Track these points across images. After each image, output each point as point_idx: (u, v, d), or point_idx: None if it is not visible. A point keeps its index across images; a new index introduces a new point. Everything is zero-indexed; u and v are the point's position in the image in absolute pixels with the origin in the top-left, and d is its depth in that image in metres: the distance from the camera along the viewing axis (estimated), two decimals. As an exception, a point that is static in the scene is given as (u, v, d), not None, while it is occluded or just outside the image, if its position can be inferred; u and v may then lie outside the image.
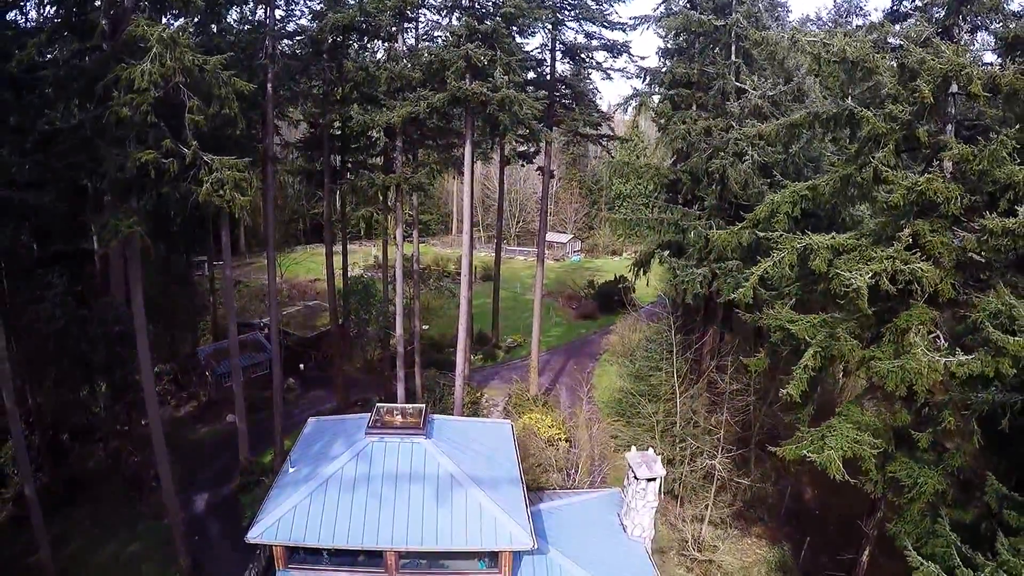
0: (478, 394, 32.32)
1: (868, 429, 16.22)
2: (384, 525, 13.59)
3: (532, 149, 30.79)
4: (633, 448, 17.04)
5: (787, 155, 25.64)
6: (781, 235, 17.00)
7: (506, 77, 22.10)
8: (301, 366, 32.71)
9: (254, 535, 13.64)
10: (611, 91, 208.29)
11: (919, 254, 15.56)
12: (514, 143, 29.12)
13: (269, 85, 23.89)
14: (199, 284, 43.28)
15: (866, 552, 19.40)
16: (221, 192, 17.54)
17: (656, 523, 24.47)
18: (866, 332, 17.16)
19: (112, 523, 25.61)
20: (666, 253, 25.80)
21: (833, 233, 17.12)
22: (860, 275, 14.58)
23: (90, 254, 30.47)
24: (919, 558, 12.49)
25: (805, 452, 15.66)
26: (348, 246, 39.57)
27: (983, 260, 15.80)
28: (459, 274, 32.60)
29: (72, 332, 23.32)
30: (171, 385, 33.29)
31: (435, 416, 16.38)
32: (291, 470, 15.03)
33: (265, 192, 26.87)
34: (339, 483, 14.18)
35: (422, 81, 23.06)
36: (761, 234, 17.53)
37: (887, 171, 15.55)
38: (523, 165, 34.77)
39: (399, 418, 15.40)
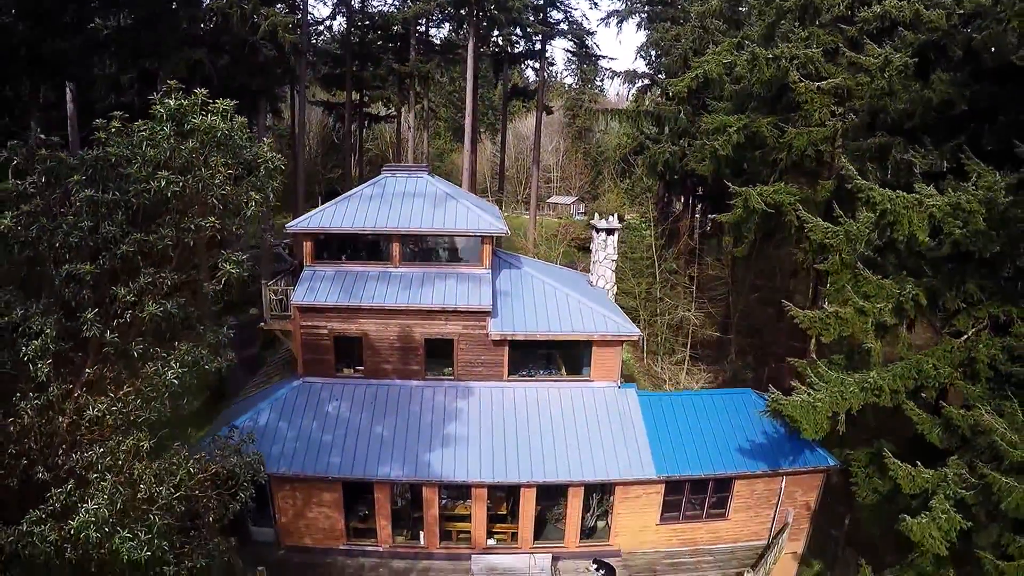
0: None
1: (791, 194, 21.09)
2: (391, 218, 18.65)
3: (532, 79, 37.36)
4: (597, 214, 22.03)
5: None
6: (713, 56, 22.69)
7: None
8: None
9: (291, 226, 18.80)
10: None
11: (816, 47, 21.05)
12: (516, 72, 35.65)
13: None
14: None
15: (812, 341, 23.53)
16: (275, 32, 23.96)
17: (634, 372, 28.79)
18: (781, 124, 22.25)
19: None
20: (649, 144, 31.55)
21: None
22: (764, 52, 20.11)
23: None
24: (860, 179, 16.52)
25: (735, 205, 20.59)
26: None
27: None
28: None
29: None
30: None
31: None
32: (319, 211, 20.28)
33: (294, 100, 33.31)
34: (359, 198, 19.36)
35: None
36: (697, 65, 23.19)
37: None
38: (523, 102, 41.33)
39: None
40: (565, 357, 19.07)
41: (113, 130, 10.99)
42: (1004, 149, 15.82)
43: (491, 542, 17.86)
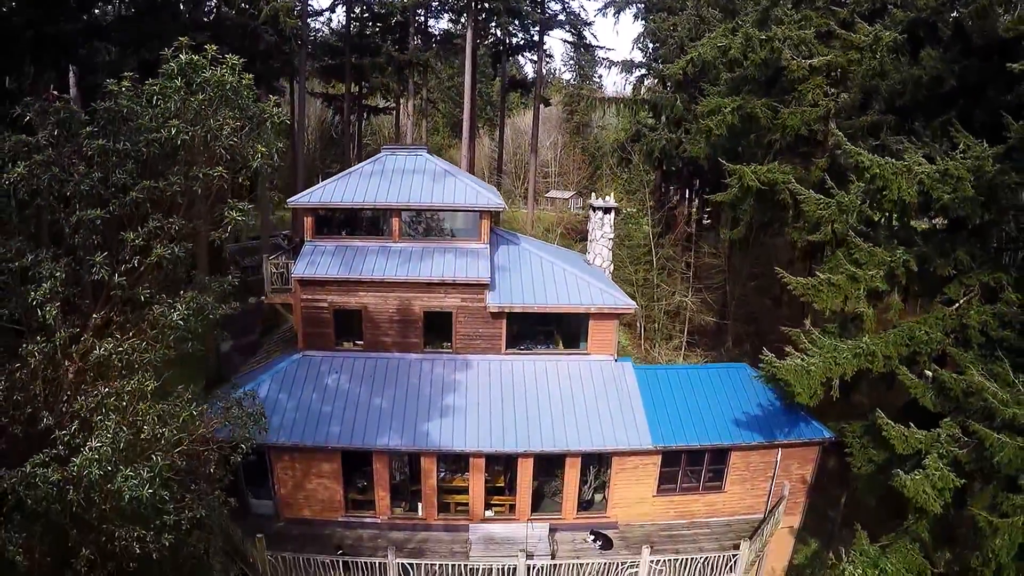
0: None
1: (785, 173, 21.45)
2: (391, 193, 19.00)
3: (530, 77, 37.86)
4: (594, 194, 22.39)
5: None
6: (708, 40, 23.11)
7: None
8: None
9: (292, 200, 19.14)
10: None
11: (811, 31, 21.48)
12: (514, 66, 36.27)
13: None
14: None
15: (808, 322, 23.86)
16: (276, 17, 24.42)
17: (632, 357, 29.01)
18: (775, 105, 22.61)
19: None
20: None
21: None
22: (758, 33, 20.52)
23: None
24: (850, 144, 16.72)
25: (729, 184, 20.94)
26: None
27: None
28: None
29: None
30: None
31: (435, 157, 22.15)
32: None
33: (294, 93, 33.67)
34: (359, 174, 19.70)
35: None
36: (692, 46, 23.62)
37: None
38: (520, 93, 41.86)
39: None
40: (562, 331, 19.36)
41: (124, 88, 11.34)
42: (994, 124, 16.18)
43: (488, 514, 18.08)
